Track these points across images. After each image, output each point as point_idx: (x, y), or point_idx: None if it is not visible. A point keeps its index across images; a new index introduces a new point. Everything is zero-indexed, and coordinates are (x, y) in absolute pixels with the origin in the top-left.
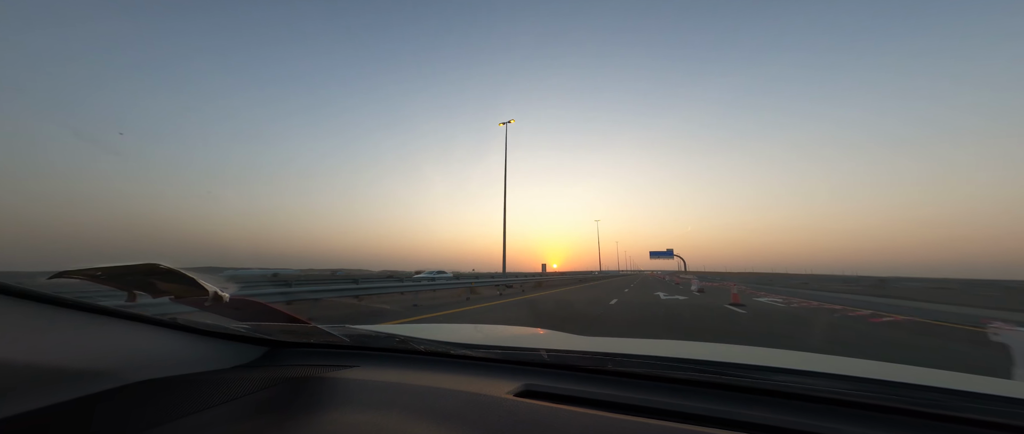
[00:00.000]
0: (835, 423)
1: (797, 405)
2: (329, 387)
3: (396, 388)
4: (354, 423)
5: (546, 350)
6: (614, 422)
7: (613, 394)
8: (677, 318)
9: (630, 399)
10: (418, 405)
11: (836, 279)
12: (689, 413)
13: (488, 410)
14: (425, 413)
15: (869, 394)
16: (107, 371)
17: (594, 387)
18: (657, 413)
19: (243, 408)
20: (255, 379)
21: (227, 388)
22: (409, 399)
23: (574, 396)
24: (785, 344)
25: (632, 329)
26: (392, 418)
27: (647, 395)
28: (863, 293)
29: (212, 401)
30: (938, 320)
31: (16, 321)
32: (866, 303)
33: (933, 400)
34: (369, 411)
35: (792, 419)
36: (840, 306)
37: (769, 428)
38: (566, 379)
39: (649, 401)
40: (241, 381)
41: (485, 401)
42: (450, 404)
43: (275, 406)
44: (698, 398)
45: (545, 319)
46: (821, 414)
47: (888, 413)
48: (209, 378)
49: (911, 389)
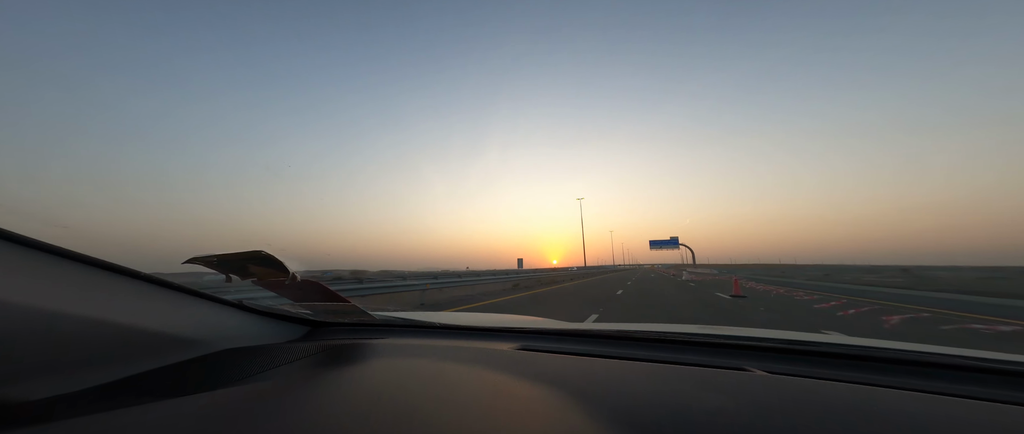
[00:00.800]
0: (783, 364)
1: (739, 353)
2: (366, 350)
3: (422, 348)
4: (388, 367)
5: (539, 327)
6: (593, 362)
7: (594, 350)
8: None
9: (608, 352)
10: (440, 356)
11: (854, 269)
12: (669, 361)
13: (495, 357)
14: (444, 361)
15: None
16: (201, 340)
17: (579, 346)
18: (623, 359)
19: (296, 368)
20: (305, 348)
21: (284, 354)
22: (431, 353)
23: (565, 351)
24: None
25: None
26: (422, 363)
27: (623, 350)
28: (913, 287)
29: (273, 364)
30: None
31: (135, 296)
32: (935, 301)
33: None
34: (400, 361)
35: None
36: (925, 311)
37: (717, 367)
38: (555, 341)
39: (624, 354)
40: (293, 350)
41: (493, 352)
42: (465, 355)
43: (325, 363)
44: (665, 350)
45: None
46: (793, 362)
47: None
48: (269, 349)
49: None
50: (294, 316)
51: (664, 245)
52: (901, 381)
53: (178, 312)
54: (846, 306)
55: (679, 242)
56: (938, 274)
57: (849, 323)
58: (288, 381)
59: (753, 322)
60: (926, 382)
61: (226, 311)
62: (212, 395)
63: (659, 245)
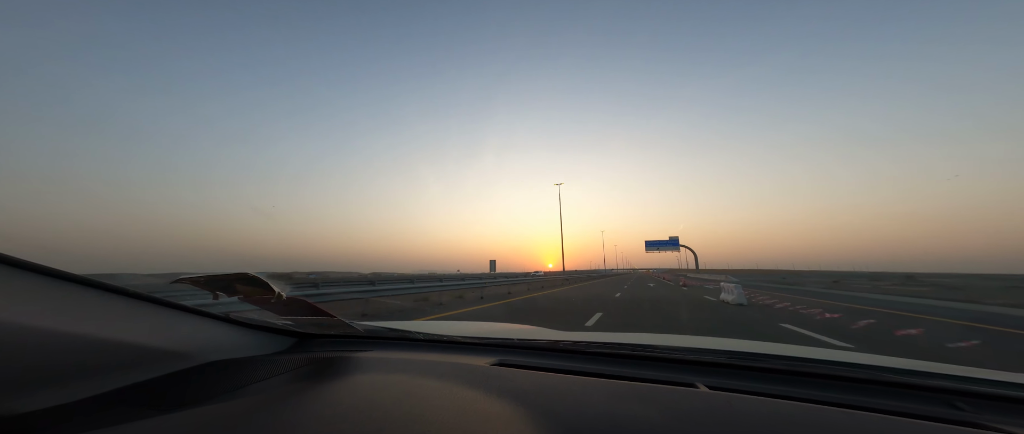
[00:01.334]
0: (747, 383)
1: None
2: (350, 364)
3: (402, 362)
4: (370, 383)
5: (518, 338)
6: (565, 379)
7: (569, 366)
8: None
9: (582, 368)
10: (418, 372)
11: (858, 275)
12: (627, 376)
13: (471, 373)
14: (424, 377)
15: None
16: (186, 353)
17: (554, 361)
18: (602, 376)
19: (282, 381)
20: (292, 361)
21: (271, 368)
22: (411, 368)
23: (537, 367)
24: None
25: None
26: (399, 379)
27: (597, 366)
28: (933, 296)
29: (261, 377)
30: None
31: (123, 312)
32: (971, 314)
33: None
34: (381, 376)
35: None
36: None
37: (690, 385)
38: (532, 355)
39: (598, 370)
40: (281, 363)
41: (469, 368)
42: (443, 370)
43: (309, 378)
44: (635, 367)
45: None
46: (743, 377)
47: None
48: (255, 361)
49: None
50: (281, 328)
51: (662, 246)
52: (863, 400)
53: (162, 326)
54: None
55: (680, 243)
56: (951, 281)
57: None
58: (272, 397)
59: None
60: (898, 403)
61: (213, 324)
62: (196, 412)
63: (657, 246)
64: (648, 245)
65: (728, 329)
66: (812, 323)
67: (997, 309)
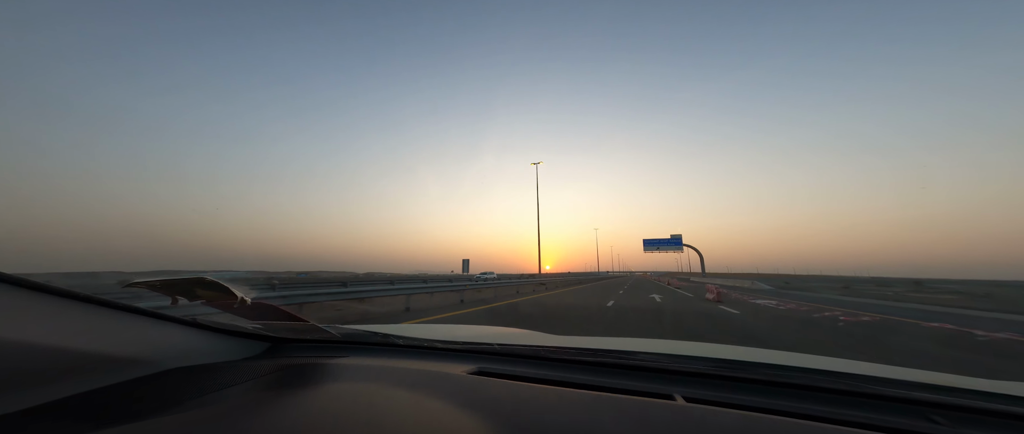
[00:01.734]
0: (718, 393)
1: (683, 379)
2: (323, 371)
3: (377, 370)
4: (342, 392)
5: (499, 343)
6: (541, 390)
7: (547, 374)
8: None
9: (561, 378)
10: (393, 380)
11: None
12: (603, 387)
13: (447, 382)
14: (399, 386)
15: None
16: (148, 360)
17: (533, 369)
18: (579, 387)
19: (253, 388)
20: (262, 367)
21: (239, 374)
22: (387, 376)
23: (514, 375)
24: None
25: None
26: (372, 388)
27: (576, 375)
28: (965, 305)
29: (227, 384)
30: None
31: (75, 317)
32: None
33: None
34: (355, 385)
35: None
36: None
37: (666, 396)
38: (511, 363)
39: (576, 380)
40: (251, 369)
41: (446, 376)
42: (419, 379)
43: (278, 385)
44: (615, 376)
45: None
46: (723, 387)
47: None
48: (225, 367)
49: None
50: (253, 333)
51: (663, 246)
52: (842, 413)
53: (116, 330)
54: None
55: (683, 242)
56: (966, 288)
57: None
58: (233, 406)
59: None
60: (877, 416)
61: (176, 328)
62: (148, 423)
63: (656, 246)
64: (647, 244)
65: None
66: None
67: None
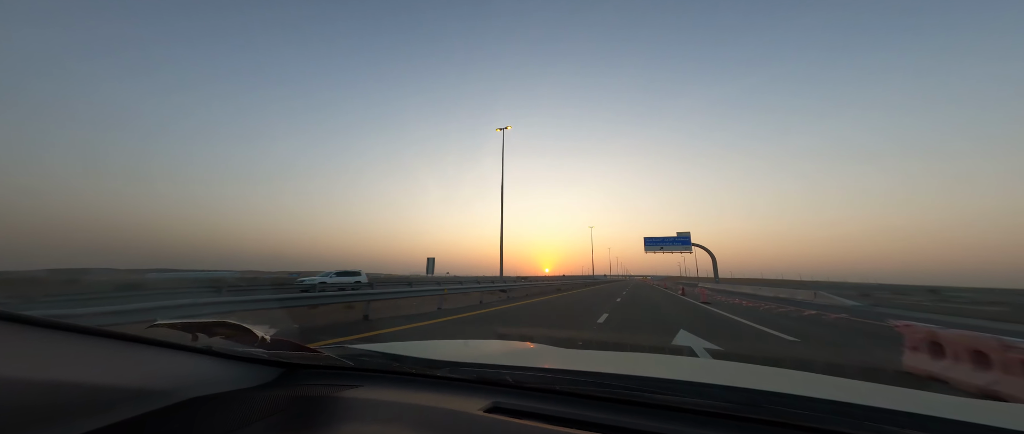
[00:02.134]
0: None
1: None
2: (337, 405)
3: (389, 406)
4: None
5: (510, 372)
6: (553, 431)
7: (564, 411)
8: None
9: (580, 416)
10: (407, 420)
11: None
12: (627, 428)
13: (461, 423)
14: (413, 427)
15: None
16: (161, 391)
17: (548, 404)
18: (600, 428)
19: (270, 425)
20: (277, 397)
21: (255, 405)
22: (401, 414)
23: (530, 412)
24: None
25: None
26: (384, 430)
27: (596, 413)
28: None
29: (243, 416)
30: None
31: (88, 350)
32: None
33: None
34: (364, 427)
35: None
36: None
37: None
38: (527, 398)
39: (597, 419)
40: (265, 399)
41: (460, 417)
42: (433, 418)
43: (296, 423)
44: (637, 415)
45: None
46: (753, 430)
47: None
48: (240, 396)
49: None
50: (267, 359)
51: (668, 245)
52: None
53: (136, 363)
54: None
55: (692, 242)
56: (973, 296)
57: None
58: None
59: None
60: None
61: (192, 357)
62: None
63: (659, 245)
64: (648, 243)
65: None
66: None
67: None
